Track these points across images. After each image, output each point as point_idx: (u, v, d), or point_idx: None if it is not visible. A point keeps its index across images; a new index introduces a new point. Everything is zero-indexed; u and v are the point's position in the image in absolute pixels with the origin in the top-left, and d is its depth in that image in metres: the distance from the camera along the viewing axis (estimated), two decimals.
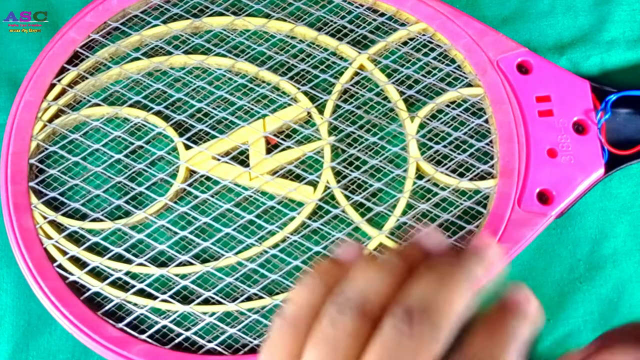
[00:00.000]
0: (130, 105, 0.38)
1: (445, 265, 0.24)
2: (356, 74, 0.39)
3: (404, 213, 0.37)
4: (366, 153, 0.38)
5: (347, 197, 0.37)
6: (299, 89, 0.38)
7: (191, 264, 0.36)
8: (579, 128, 0.37)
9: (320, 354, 0.23)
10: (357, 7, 0.40)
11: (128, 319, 0.35)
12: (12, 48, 0.40)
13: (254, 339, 0.35)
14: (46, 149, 0.38)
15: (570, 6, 0.41)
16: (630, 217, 0.38)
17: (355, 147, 0.38)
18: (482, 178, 0.37)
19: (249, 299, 0.36)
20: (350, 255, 0.26)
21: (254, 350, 0.35)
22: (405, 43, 0.40)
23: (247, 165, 0.37)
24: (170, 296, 0.35)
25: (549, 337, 0.37)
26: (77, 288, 0.35)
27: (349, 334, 0.23)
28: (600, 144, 0.37)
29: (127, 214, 0.37)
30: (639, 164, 0.37)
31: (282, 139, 0.38)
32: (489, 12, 0.41)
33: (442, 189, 0.37)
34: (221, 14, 0.40)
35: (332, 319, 0.24)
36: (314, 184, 0.37)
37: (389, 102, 0.39)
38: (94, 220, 0.36)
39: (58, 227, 0.36)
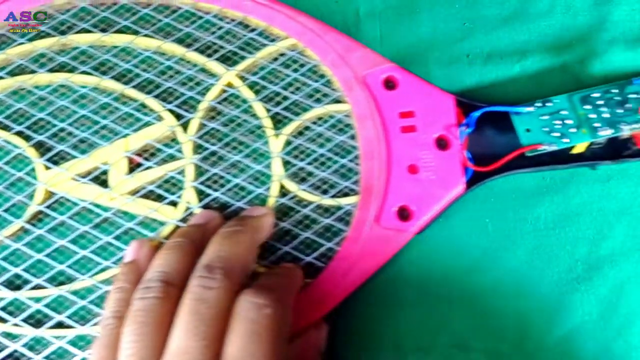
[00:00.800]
0: None
1: (226, 229, 0.32)
2: (224, 91, 0.39)
3: None
4: (230, 172, 0.38)
5: None
6: (164, 107, 0.38)
7: (46, 287, 0.35)
8: (442, 144, 0.37)
9: (134, 327, 0.28)
10: (227, 22, 0.40)
11: None
12: None
13: None
14: None
15: (570, 6, 0.41)
16: (629, 217, 0.38)
17: (220, 165, 0.38)
18: (346, 195, 0.37)
19: None
20: (137, 252, 0.33)
21: None
22: (275, 59, 0.40)
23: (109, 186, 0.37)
24: (23, 320, 0.35)
25: (548, 338, 0.37)
26: None
27: (157, 301, 0.29)
28: (461, 160, 0.37)
29: None
30: (638, 162, 0.38)
31: (145, 158, 0.38)
32: (489, 12, 0.41)
33: (305, 206, 0.37)
34: (89, 31, 0.39)
35: (140, 295, 0.31)
36: (176, 204, 0.37)
37: (257, 119, 0.38)
38: None
39: None
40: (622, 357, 0.36)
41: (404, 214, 0.36)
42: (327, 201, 0.37)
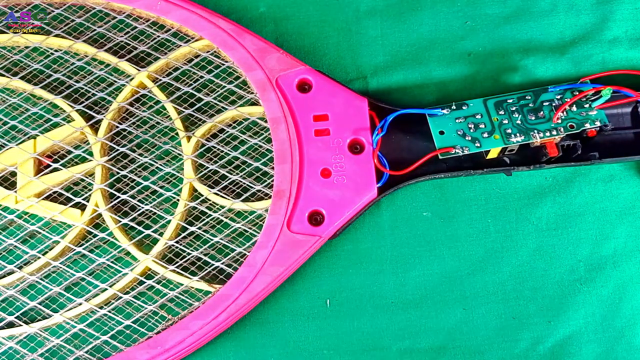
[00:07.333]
0: None
1: None
2: (136, 92, 0.38)
3: (177, 235, 0.36)
4: (140, 174, 0.37)
5: (117, 220, 0.36)
6: (72, 107, 0.37)
7: None
8: (356, 147, 0.37)
9: None
10: (141, 22, 0.39)
11: None
12: None
13: None
14: None
15: (572, 4, 0.41)
16: (631, 217, 0.38)
17: (130, 167, 0.37)
18: (261, 199, 0.37)
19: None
20: None
21: None
22: (190, 60, 0.39)
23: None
24: None
25: (550, 338, 0.36)
26: None
27: None
28: (375, 164, 0.36)
29: None
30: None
31: (56, 159, 0.37)
32: (491, 10, 0.41)
33: (217, 210, 0.37)
34: (2, 32, 0.39)
35: None
36: (84, 207, 0.36)
37: (170, 120, 0.38)
38: None
39: None
40: (625, 359, 0.36)
41: (315, 219, 0.36)
42: (238, 205, 0.36)
